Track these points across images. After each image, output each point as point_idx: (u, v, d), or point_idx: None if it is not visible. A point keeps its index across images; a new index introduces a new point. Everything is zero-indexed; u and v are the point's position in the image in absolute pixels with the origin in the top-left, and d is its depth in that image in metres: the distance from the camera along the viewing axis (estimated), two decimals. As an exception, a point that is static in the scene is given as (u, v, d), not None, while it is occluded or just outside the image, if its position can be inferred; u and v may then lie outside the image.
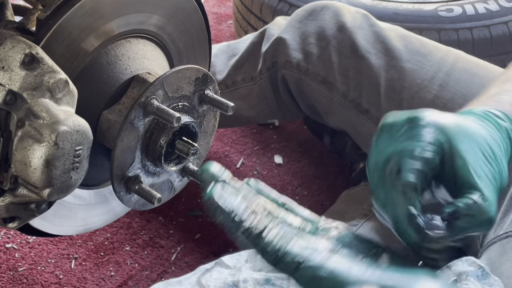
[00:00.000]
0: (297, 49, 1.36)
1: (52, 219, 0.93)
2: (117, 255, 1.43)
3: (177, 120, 0.83)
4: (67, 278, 1.37)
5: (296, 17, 1.40)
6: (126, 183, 0.87)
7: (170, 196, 0.96)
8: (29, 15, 0.87)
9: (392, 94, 1.25)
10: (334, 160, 1.72)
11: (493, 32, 1.65)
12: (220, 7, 2.41)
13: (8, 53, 0.75)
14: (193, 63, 1.00)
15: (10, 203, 0.79)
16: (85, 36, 0.84)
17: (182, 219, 1.53)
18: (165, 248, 1.45)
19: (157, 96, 0.85)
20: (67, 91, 0.79)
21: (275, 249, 0.69)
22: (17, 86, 0.75)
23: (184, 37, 0.99)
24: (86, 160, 0.81)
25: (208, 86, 0.92)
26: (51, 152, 0.76)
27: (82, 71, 0.86)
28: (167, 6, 0.94)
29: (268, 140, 1.78)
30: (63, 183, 0.79)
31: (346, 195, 1.38)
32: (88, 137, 0.80)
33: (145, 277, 1.39)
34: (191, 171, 0.93)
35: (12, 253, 1.41)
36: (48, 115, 0.76)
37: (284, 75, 1.39)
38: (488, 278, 0.93)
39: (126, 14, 0.88)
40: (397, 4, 1.70)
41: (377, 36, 1.29)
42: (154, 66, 0.92)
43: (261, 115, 1.50)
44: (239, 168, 1.67)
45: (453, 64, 1.23)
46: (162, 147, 0.87)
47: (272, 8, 1.79)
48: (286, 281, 0.87)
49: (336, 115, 1.35)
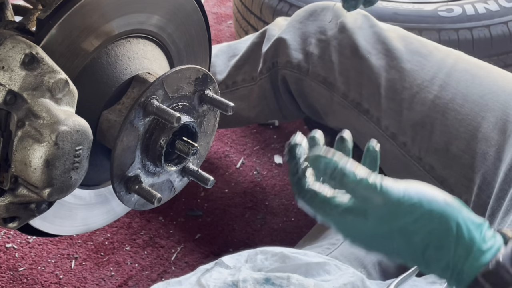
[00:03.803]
0: (298, 49, 1.36)
1: (52, 219, 0.93)
2: (117, 255, 1.43)
3: (177, 120, 0.83)
4: (67, 278, 1.37)
5: (296, 18, 1.41)
6: (126, 183, 0.87)
7: (170, 196, 0.96)
8: (29, 15, 0.87)
9: (392, 94, 1.25)
10: (334, 160, 1.72)
11: (493, 32, 1.65)
12: (220, 7, 2.41)
13: (8, 53, 0.75)
14: (193, 63, 1.00)
15: (10, 203, 0.79)
16: (85, 36, 0.85)
17: (182, 219, 1.53)
18: (165, 248, 1.46)
19: (157, 96, 0.85)
20: (67, 91, 0.79)
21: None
22: (17, 86, 0.75)
23: (184, 37, 0.99)
24: (86, 160, 0.81)
25: (208, 86, 0.92)
26: (51, 152, 0.76)
27: (82, 71, 0.86)
28: (167, 6, 0.94)
29: (268, 140, 1.78)
30: (63, 183, 0.79)
31: (346, 195, 1.38)
32: (88, 137, 0.80)
33: (145, 277, 1.39)
34: (191, 171, 0.93)
35: (12, 253, 1.41)
36: (48, 115, 0.76)
37: (285, 75, 1.39)
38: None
39: (126, 14, 0.89)
40: (397, 4, 1.70)
41: (377, 36, 1.29)
42: (154, 66, 0.92)
43: (261, 115, 1.50)
44: (239, 168, 1.67)
45: (453, 65, 1.23)
46: (162, 147, 0.87)
47: (272, 8, 1.79)
48: (285, 281, 0.88)
49: (336, 115, 1.35)
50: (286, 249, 0.95)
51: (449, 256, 0.69)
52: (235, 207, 1.57)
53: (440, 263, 0.70)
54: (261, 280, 0.87)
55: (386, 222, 0.69)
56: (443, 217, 0.69)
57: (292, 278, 0.88)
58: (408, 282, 0.95)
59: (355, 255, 1.15)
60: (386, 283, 0.96)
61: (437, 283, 0.97)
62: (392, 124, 1.26)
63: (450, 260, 0.69)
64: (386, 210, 0.69)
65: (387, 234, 0.70)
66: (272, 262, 0.93)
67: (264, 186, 1.63)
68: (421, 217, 0.69)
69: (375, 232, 0.70)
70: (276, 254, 0.94)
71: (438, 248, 0.69)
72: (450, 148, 1.18)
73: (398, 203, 0.69)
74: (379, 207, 0.69)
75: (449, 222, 0.69)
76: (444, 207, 0.70)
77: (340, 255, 1.14)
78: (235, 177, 1.65)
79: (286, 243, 1.23)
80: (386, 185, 0.69)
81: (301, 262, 0.94)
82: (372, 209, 0.69)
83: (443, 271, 0.71)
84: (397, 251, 0.71)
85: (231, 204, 1.58)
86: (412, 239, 0.69)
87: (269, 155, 1.73)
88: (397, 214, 0.69)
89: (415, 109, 1.23)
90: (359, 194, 0.70)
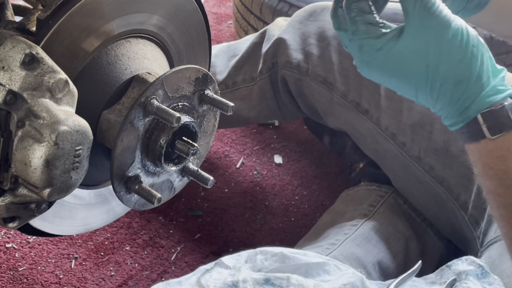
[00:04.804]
0: (298, 49, 1.36)
1: (52, 219, 0.93)
2: (117, 255, 1.43)
3: (177, 120, 0.83)
4: (67, 278, 1.37)
5: (296, 18, 1.41)
6: (126, 183, 0.87)
7: (170, 196, 0.96)
8: (29, 15, 0.87)
9: (392, 94, 1.25)
10: (334, 160, 1.72)
11: (493, 32, 1.65)
12: (220, 7, 2.41)
13: (8, 53, 0.75)
14: (193, 63, 1.00)
15: (10, 203, 0.79)
16: (85, 36, 0.85)
17: (182, 219, 1.53)
18: (165, 248, 1.46)
19: (157, 96, 0.85)
20: (67, 91, 0.79)
21: None
22: (17, 86, 0.75)
23: (184, 37, 0.99)
24: (86, 160, 0.81)
25: (208, 86, 0.92)
26: (51, 152, 0.76)
27: (82, 71, 0.86)
28: (167, 6, 0.94)
29: (268, 140, 1.78)
30: (63, 183, 0.79)
31: (346, 195, 1.39)
32: (88, 137, 0.80)
33: (145, 277, 1.39)
34: (191, 171, 0.93)
35: (12, 253, 1.41)
36: (48, 115, 0.76)
37: (285, 75, 1.39)
38: (487, 277, 0.93)
39: (126, 14, 0.89)
40: (397, 4, 1.69)
41: (377, 36, 1.29)
42: (154, 66, 0.92)
43: (261, 115, 1.50)
44: (239, 168, 1.67)
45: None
46: (162, 147, 0.87)
47: (272, 8, 1.79)
48: (285, 281, 0.88)
49: (336, 115, 1.35)
50: (286, 249, 0.95)
51: (465, 90, 0.74)
52: (235, 207, 1.57)
53: (452, 96, 0.74)
54: (261, 280, 0.87)
55: (428, 38, 0.73)
56: (475, 50, 0.74)
57: (292, 279, 0.88)
58: (408, 282, 0.95)
59: (355, 255, 1.15)
60: (386, 283, 0.96)
61: (436, 284, 0.97)
62: (392, 124, 1.26)
63: (463, 94, 0.74)
64: (436, 24, 0.73)
65: (420, 51, 0.73)
66: (272, 262, 0.93)
67: (264, 186, 1.63)
68: (461, 42, 0.73)
69: (407, 50, 0.74)
70: (276, 254, 0.94)
71: (459, 82, 0.74)
72: (450, 148, 1.19)
73: (448, 23, 0.73)
74: (430, 22, 0.73)
75: (477, 57, 0.74)
76: (478, 42, 0.74)
77: (340, 255, 1.14)
78: (235, 177, 1.65)
79: (286, 243, 1.23)
80: (443, 6, 0.74)
81: (301, 262, 0.94)
82: (421, 24, 0.73)
83: (450, 104, 0.75)
84: (416, 75, 0.75)
85: (231, 204, 1.58)
86: (441, 64, 0.73)
87: (269, 155, 1.73)
88: (444, 32, 0.73)
89: (414, 109, 1.23)
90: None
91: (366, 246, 1.19)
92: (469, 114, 0.75)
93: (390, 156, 1.26)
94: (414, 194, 1.28)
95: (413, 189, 1.27)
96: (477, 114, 0.74)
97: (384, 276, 1.16)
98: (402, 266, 1.20)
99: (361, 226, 1.23)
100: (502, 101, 0.74)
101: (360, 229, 1.23)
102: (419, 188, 1.24)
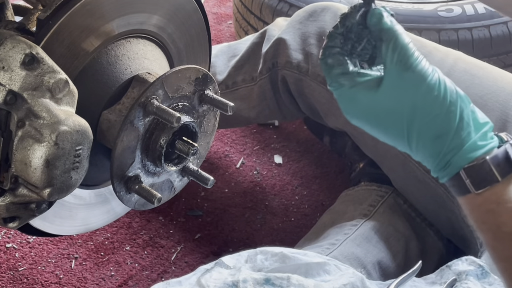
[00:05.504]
0: (298, 49, 1.36)
1: (52, 219, 0.93)
2: (117, 255, 1.43)
3: (177, 120, 0.83)
4: (67, 278, 1.37)
5: (296, 18, 1.41)
6: (126, 183, 0.87)
7: (170, 196, 0.96)
8: (29, 15, 0.87)
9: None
10: (334, 160, 1.72)
11: (492, 32, 1.65)
12: (220, 7, 2.41)
13: (9, 53, 0.75)
14: (193, 63, 1.00)
15: (10, 203, 0.79)
16: (85, 36, 0.85)
17: (182, 219, 1.53)
18: (165, 248, 1.46)
19: (157, 96, 0.85)
20: (67, 91, 0.79)
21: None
22: (18, 86, 0.75)
23: (184, 37, 0.99)
24: (86, 160, 0.81)
25: (208, 86, 0.92)
26: (51, 152, 0.76)
27: (82, 71, 0.86)
28: (167, 7, 0.94)
29: (268, 140, 1.78)
30: (63, 183, 0.79)
31: (346, 195, 1.38)
32: (88, 137, 0.80)
33: (145, 277, 1.39)
34: (191, 171, 0.94)
35: (13, 253, 1.41)
36: (48, 115, 0.76)
37: (285, 75, 1.39)
38: (487, 277, 0.93)
39: (126, 14, 0.89)
40: (397, 4, 1.70)
41: (377, 36, 1.29)
42: (154, 66, 0.92)
43: (261, 116, 1.50)
44: (239, 168, 1.67)
45: (452, 65, 1.23)
46: (162, 147, 0.87)
47: (272, 8, 1.79)
48: (285, 281, 0.88)
49: (336, 115, 1.35)
50: (286, 249, 0.95)
51: (444, 145, 0.72)
52: (235, 207, 1.57)
53: (431, 150, 0.73)
54: (261, 280, 0.87)
55: (403, 92, 0.72)
56: (452, 105, 0.72)
57: (292, 279, 0.88)
58: (408, 283, 0.95)
59: (355, 255, 1.15)
60: (386, 283, 0.96)
61: (437, 284, 0.97)
62: (392, 124, 1.25)
63: (442, 149, 0.73)
64: (411, 78, 0.72)
65: (395, 107, 0.73)
66: (272, 262, 0.93)
67: (264, 186, 1.63)
68: (437, 97, 0.72)
69: (383, 104, 0.73)
70: (276, 254, 0.94)
71: (437, 137, 0.72)
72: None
73: (424, 77, 0.72)
74: (405, 76, 0.72)
75: (456, 112, 0.72)
76: (456, 98, 0.73)
77: (340, 255, 1.14)
78: (235, 177, 1.65)
79: (286, 243, 1.23)
80: (420, 59, 0.73)
81: (301, 262, 0.94)
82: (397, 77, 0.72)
83: (432, 157, 0.74)
84: (393, 129, 0.74)
85: (231, 204, 1.58)
86: (416, 119, 0.72)
87: (269, 155, 1.73)
88: (419, 87, 0.72)
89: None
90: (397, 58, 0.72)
91: (366, 246, 1.19)
92: (451, 169, 0.73)
93: (390, 155, 1.26)
94: (414, 194, 1.28)
95: (413, 189, 1.27)
96: (459, 169, 0.72)
97: (384, 276, 1.16)
98: (402, 266, 1.20)
99: (361, 226, 1.23)
100: (483, 155, 0.72)
101: (360, 229, 1.22)
102: (419, 188, 1.24)
